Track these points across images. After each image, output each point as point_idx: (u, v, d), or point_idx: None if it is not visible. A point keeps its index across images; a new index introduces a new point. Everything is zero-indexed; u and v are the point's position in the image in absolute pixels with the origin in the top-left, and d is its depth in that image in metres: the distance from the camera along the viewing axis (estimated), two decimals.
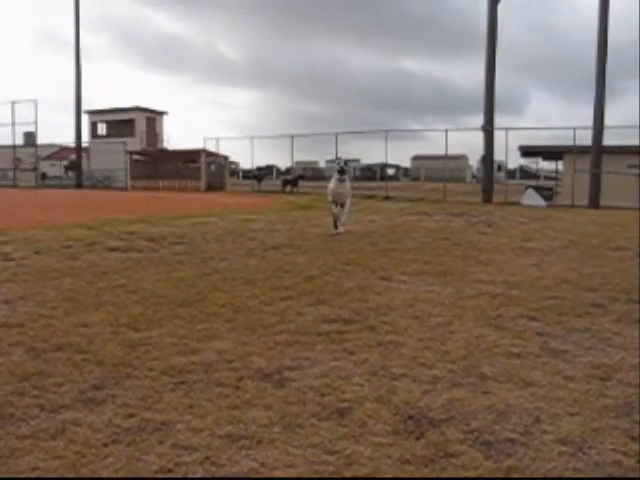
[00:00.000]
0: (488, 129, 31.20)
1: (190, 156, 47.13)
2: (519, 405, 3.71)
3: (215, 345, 4.84)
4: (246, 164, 60.85)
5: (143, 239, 11.36)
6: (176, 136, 56.21)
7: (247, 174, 56.10)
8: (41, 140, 54.02)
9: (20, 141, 54.78)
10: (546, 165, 57.02)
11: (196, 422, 3.42)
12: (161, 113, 55.55)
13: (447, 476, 2.87)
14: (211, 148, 45.15)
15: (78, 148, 49.93)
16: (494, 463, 2.98)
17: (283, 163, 69.02)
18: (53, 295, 6.58)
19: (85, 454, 3.04)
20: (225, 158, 47.78)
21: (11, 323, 5.44)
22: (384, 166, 49.33)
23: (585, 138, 29.27)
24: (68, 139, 53.72)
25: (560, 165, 42.80)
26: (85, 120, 52.66)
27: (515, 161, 69.46)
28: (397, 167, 76.25)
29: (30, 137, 54.65)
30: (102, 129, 55.40)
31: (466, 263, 9.13)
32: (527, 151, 40.88)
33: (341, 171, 13.22)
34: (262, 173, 52.22)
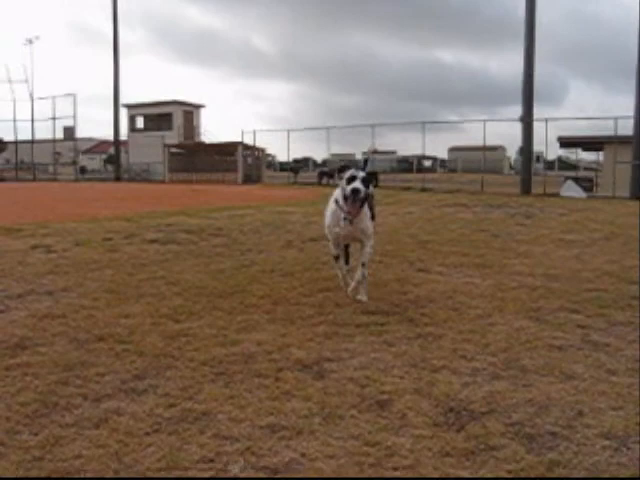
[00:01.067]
0: (527, 120, 30.85)
1: (227, 149, 47.32)
2: (561, 398, 3.67)
3: (254, 336, 4.87)
4: (282, 157, 60.80)
5: (182, 231, 11.45)
6: (212, 129, 56.54)
7: (284, 166, 56.19)
8: (80, 134, 54.81)
9: (60, 135, 55.56)
10: (586, 156, 56.15)
11: (236, 412, 3.44)
12: (198, 106, 55.84)
13: (488, 469, 2.85)
14: (248, 141, 45.31)
15: (116, 142, 50.50)
16: (536, 457, 2.96)
17: (319, 155, 68.95)
18: (94, 287, 6.67)
19: (128, 443, 3.08)
20: (262, 151, 47.90)
21: (54, 314, 5.52)
22: (421, 158, 49.01)
23: (626, 128, 28.76)
24: (106, 133, 54.46)
25: (600, 156, 42.13)
26: (123, 114, 53.20)
27: (554, 152, 68.43)
28: (434, 159, 75.70)
29: (69, 131, 55.41)
30: (140, 123, 55.83)
31: (505, 255, 9.05)
32: (566, 142, 40.30)
33: (351, 179, 5.83)
34: (298, 165, 52.23)
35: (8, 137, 55.75)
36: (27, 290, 6.48)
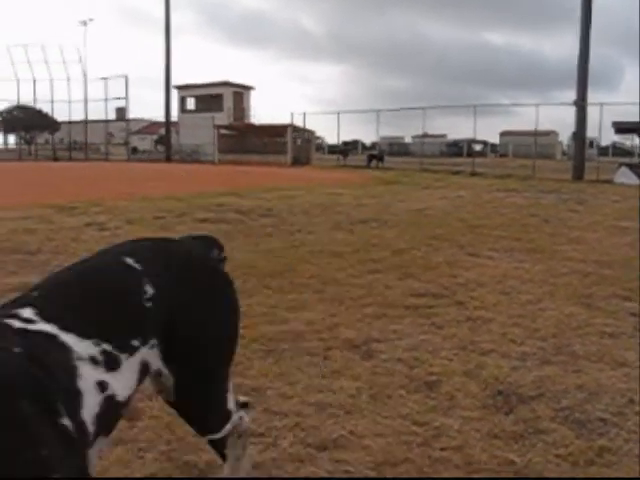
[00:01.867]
0: (580, 104, 30.27)
1: (277, 131, 47.41)
2: (611, 385, 3.64)
3: (304, 315, 4.91)
4: (332, 139, 60.73)
5: (232, 211, 11.55)
6: (261, 110, 56.69)
7: (333, 149, 56.14)
8: (131, 115, 55.45)
9: (112, 116, 56.35)
10: None
11: (286, 389, 3.49)
12: (248, 88, 56.08)
13: (536, 453, 2.84)
14: (297, 123, 45.34)
15: (167, 123, 50.97)
16: (585, 442, 2.94)
17: (368, 138, 68.63)
18: None
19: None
20: (311, 133, 47.91)
21: None
22: (471, 142, 48.49)
23: None
24: (157, 114, 55.01)
25: None
26: (174, 95, 53.67)
27: (608, 138, 66.96)
28: (484, 143, 74.84)
29: (121, 112, 56.15)
30: (191, 104, 56.31)
31: (556, 240, 8.94)
32: (621, 127, 39.37)
33: None
34: (347, 148, 52.13)
35: (62, 117, 56.71)
36: None
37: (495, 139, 78.95)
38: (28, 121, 57.74)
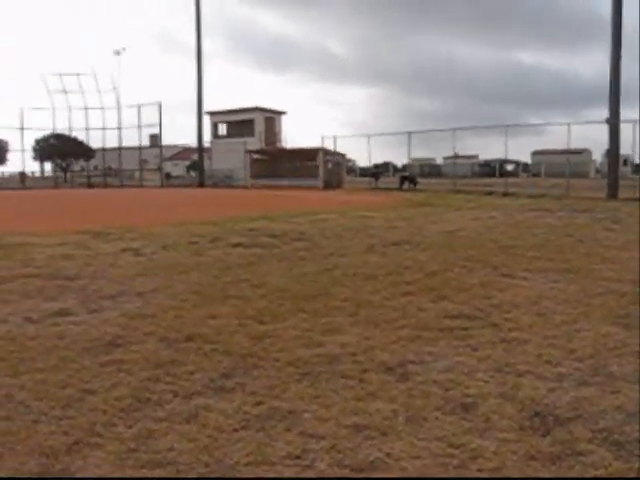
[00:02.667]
0: (613, 122, 30.01)
1: (308, 154, 47.57)
2: None
3: (338, 338, 4.94)
4: (363, 162, 60.76)
5: (265, 235, 11.63)
6: (291, 134, 56.92)
7: (364, 172, 56.17)
8: (164, 141, 56.17)
9: (145, 142, 57.13)
10: None
11: (322, 412, 3.51)
12: (279, 113, 56.46)
13: (575, 475, 2.83)
14: (328, 146, 45.50)
15: (200, 148, 51.49)
16: (624, 463, 2.93)
17: (399, 160, 68.60)
18: (182, 288, 6.87)
19: (217, 438, 3.20)
20: (342, 156, 48.04)
21: (144, 314, 5.73)
22: (503, 162, 48.27)
23: None
24: (190, 140, 55.62)
25: None
26: (206, 121, 54.18)
27: None
28: (516, 163, 74.34)
29: (155, 138, 56.90)
30: (223, 129, 56.80)
31: (591, 260, 8.86)
32: None
33: None
34: (379, 170, 52.04)
35: (96, 144, 57.76)
36: (118, 291, 6.73)
37: (527, 159, 78.39)
38: (63, 149, 58.87)
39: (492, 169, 64.49)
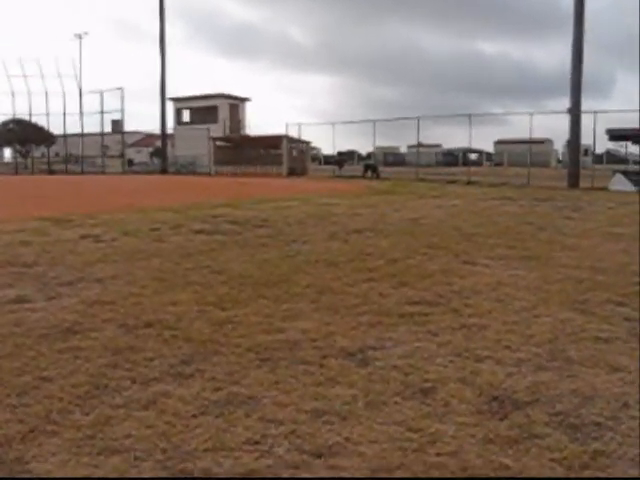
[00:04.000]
0: (575, 112, 30.35)
1: (272, 142, 47.48)
2: (606, 390, 3.66)
3: (299, 324, 4.92)
4: (327, 149, 60.84)
5: (227, 222, 11.56)
6: (254, 122, 56.66)
7: (328, 159, 56.23)
8: (127, 128, 55.61)
9: (108, 129, 56.44)
10: (635, 149, 54.87)
11: (282, 397, 3.50)
12: (243, 100, 56.08)
13: (531, 457, 2.86)
14: (292, 134, 45.42)
15: (163, 135, 51.06)
16: (580, 446, 2.96)
17: (364, 148, 68.74)
18: (142, 275, 6.80)
19: (175, 424, 3.16)
20: (307, 143, 48.01)
21: (103, 301, 5.65)
22: (466, 151, 48.61)
23: None
24: (152, 126, 55.09)
25: None
26: (169, 107, 53.66)
27: (603, 145, 67.03)
28: (480, 152, 74.95)
29: (117, 125, 56.26)
30: (186, 116, 56.29)
31: (552, 248, 8.96)
32: (615, 135, 39.36)
33: None
34: (343, 158, 52.17)
35: (58, 130, 56.87)
36: (77, 278, 6.63)
37: (490, 148, 79.15)
38: (24, 134, 57.78)
39: (455, 158, 65.00)
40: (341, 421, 3.20)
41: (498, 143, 76.06)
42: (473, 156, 63.70)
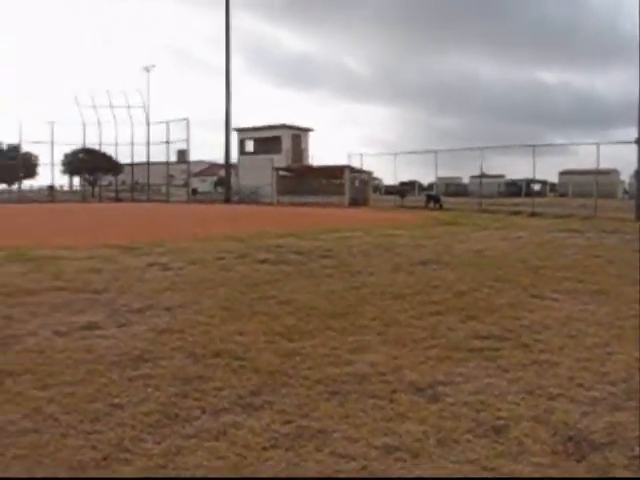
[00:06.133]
0: None
1: (334, 172, 47.62)
2: None
3: (367, 357, 4.90)
4: (389, 180, 60.64)
5: (292, 252, 11.61)
6: (318, 152, 56.96)
7: (390, 190, 56.10)
8: (192, 157, 56.75)
9: (173, 158, 57.71)
10: None
11: (352, 432, 3.48)
12: (306, 130, 56.54)
13: None
14: (354, 164, 45.52)
15: (227, 164, 51.86)
16: None
17: (425, 179, 68.39)
18: (209, 304, 6.87)
19: (246, 456, 3.17)
20: (368, 174, 48.06)
21: (172, 329, 5.73)
22: (530, 181, 47.88)
23: None
24: (216, 156, 56.06)
25: None
26: (233, 137, 54.50)
27: None
28: (543, 182, 73.93)
29: (182, 154, 57.50)
30: (250, 146, 57.01)
31: (622, 282, 8.74)
32: None
33: None
34: (405, 189, 52.00)
35: (125, 159, 58.49)
36: (146, 305, 6.74)
37: (553, 178, 77.99)
38: (92, 163, 59.47)
39: (519, 188, 64.26)
40: (413, 458, 3.16)
41: (563, 174, 74.91)
42: (537, 187, 62.81)
